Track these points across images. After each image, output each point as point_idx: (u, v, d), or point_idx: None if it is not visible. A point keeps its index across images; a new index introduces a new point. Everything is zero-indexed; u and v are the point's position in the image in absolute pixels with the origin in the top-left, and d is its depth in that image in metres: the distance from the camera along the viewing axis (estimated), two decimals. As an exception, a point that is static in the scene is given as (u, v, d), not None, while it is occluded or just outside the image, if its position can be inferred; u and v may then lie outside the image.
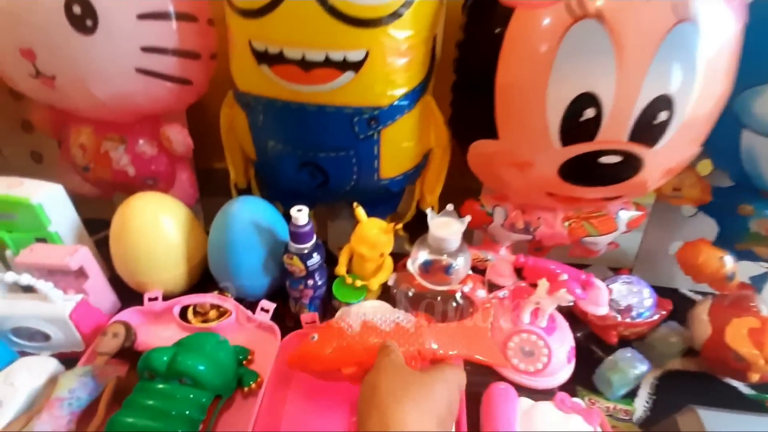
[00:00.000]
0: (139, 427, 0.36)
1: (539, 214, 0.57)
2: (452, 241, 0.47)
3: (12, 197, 0.48)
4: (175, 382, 0.39)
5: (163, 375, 0.39)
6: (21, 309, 0.45)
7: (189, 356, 0.39)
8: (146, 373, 0.39)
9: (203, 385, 0.39)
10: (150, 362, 0.39)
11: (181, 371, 0.39)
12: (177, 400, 0.38)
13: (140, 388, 0.39)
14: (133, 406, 0.37)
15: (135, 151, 0.57)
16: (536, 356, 0.48)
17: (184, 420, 0.37)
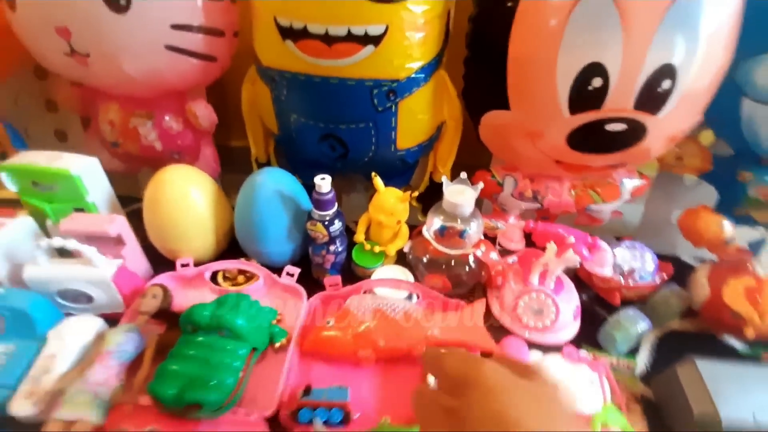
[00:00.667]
0: (187, 374, 0.39)
1: (547, 183, 0.60)
2: (466, 207, 0.51)
3: (53, 169, 0.51)
4: (215, 334, 0.43)
5: (205, 328, 0.42)
6: (67, 272, 0.48)
7: (228, 312, 0.43)
8: (189, 327, 0.43)
9: (241, 337, 0.43)
10: (193, 317, 0.42)
11: (221, 325, 0.42)
12: (219, 351, 0.41)
13: (184, 341, 0.43)
14: (179, 356, 0.41)
15: (162, 127, 0.60)
16: (545, 314, 0.51)
17: (227, 368, 0.40)
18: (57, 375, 0.42)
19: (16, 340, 0.46)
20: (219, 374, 0.39)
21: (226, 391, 0.39)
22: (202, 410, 0.38)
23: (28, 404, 0.40)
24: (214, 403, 0.38)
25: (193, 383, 0.38)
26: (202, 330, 0.43)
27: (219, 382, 0.39)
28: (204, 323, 0.42)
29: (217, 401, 0.38)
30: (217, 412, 0.39)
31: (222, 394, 0.39)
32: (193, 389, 0.38)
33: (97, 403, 0.39)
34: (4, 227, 0.49)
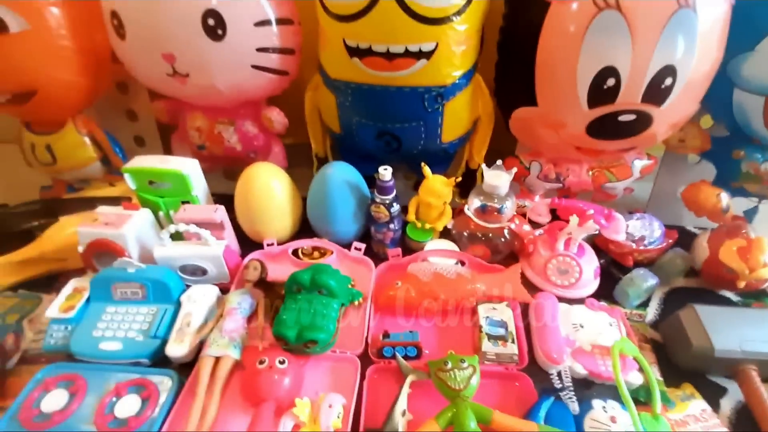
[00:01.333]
0: (300, 321, 0.52)
1: (568, 165, 0.71)
2: (502, 188, 0.62)
3: (169, 170, 0.63)
4: (315, 293, 0.55)
5: (307, 288, 0.55)
6: (188, 251, 0.61)
7: (323, 275, 0.55)
8: (294, 287, 0.56)
9: (334, 294, 0.55)
10: (298, 279, 0.55)
11: (320, 284, 0.55)
12: (320, 305, 0.54)
13: (291, 298, 0.55)
14: (291, 309, 0.53)
15: (242, 131, 0.72)
16: (570, 273, 0.63)
17: (328, 317, 0.53)
18: (195, 327, 0.55)
19: (157, 304, 0.59)
20: (324, 321, 0.52)
21: (330, 333, 0.52)
22: (314, 347, 0.51)
23: (180, 347, 0.53)
24: (323, 341, 0.51)
25: (306, 327, 0.51)
26: (305, 290, 0.55)
27: (325, 326, 0.52)
28: (307, 284, 0.55)
29: (326, 340, 0.51)
30: (323, 348, 0.52)
31: (328, 335, 0.51)
32: (308, 330, 0.51)
33: (234, 344, 0.52)
34: (132, 218, 0.62)
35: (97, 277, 0.59)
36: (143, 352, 0.54)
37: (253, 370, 0.49)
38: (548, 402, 0.48)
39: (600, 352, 0.54)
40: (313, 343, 0.51)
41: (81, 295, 0.60)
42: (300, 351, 0.52)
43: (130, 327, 0.56)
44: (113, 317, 0.58)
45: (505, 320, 0.56)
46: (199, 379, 0.49)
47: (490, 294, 0.58)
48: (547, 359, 0.53)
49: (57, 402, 0.49)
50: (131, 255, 0.61)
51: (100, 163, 0.80)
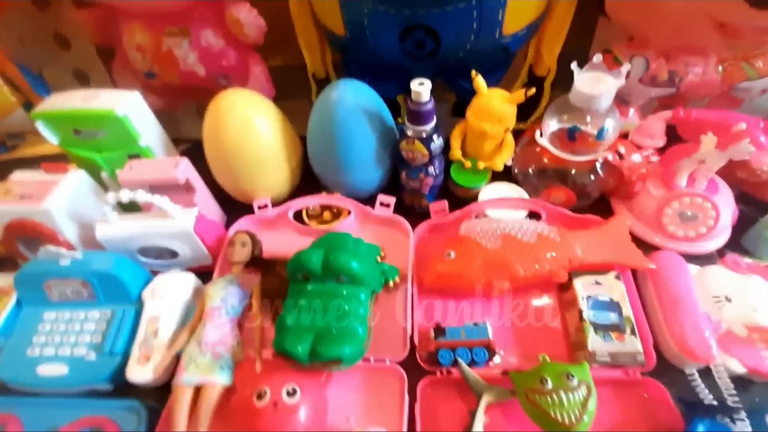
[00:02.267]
0: (313, 327, 0.34)
1: (687, 59, 0.47)
2: (605, 98, 0.40)
3: (96, 111, 0.43)
4: (332, 281, 0.37)
5: (320, 276, 0.37)
6: (143, 228, 0.42)
7: (341, 255, 0.36)
8: (300, 276, 0.37)
9: (359, 281, 0.37)
10: (305, 264, 0.36)
11: (337, 270, 0.36)
12: (340, 298, 0.36)
13: (297, 291, 0.37)
14: (297, 308, 0.36)
15: (201, 45, 0.49)
16: (700, 220, 0.43)
17: (354, 316, 0.35)
18: (166, 337, 0.39)
19: (110, 305, 0.42)
20: (348, 324, 0.34)
21: (360, 341, 0.34)
22: (338, 366, 0.34)
23: (144, 370, 0.37)
24: (351, 357, 0.34)
25: (323, 337, 0.33)
26: (316, 278, 0.37)
27: (350, 332, 0.34)
28: (318, 271, 0.36)
29: (354, 354, 0.34)
30: (352, 363, 0.35)
31: (357, 345, 0.34)
32: (326, 344, 0.33)
33: (220, 364, 0.36)
34: (58, 185, 0.43)
35: (22, 273, 0.41)
36: (97, 376, 0.38)
37: (250, 410, 0.32)
38: (703, 427, 0.32)
39: (761, 336, 0.37)
40: (336, 362, 0.33)
41: (8, 297, 0.43)
42: (316, 369, 0.35)
43: (77, 340, 0.40)
44: (53, 327, 0.41)
45: (616, 300, 0.38)
46: (175, 420, 0.33)
47: (590, 261, 0.39)
48: (685, 354, 0.36)
49: (-18, 459, 0.34)
50: (67, 238, 0.43)
51: (24, 110, 0.59)
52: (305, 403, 0.33)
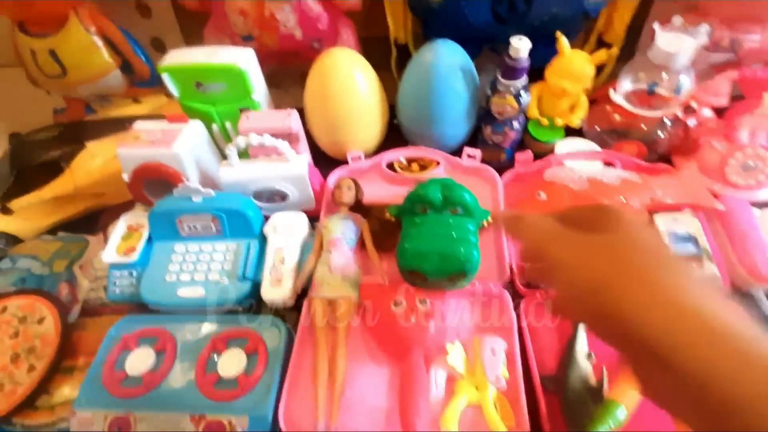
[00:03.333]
0: (435, 250, 0.38)
1: (748, 26, 0.52)
2: (683, 56, 0.45)
3: (220, 65, 0.47)
4: (447, 212, 0.42)
5: (438, 207, 0.42)
6: (264, 171, 0.47)
7: (457, 189, 0.41)
8: (419, 207, 0.42)
9: (472, 212, 0.42)
10: (427, 196, 0.41)
11: (455, 201, 0.41)
12: (456, 227, 0.40)
13: (416, 222, 0.41)
14: (419, 236, 0.40)
15: (301, 9, 0.53)
16: (759, 169, 0.48)
17: (468, 242, 0.39)
18: (291, 265, 0.44)
19: (235, 239, 0.47)
20: (466, 245, 0.39)
21: (477, 260, 0.39)
22: (461, 281, 0.39)
23: (279, 290, 0.42)
24: (472, 270, 0.39)
25: (447, 256, 0.38)
26: (433, 209, 0.42)
27: (469, 252, 0.39)
28: (438, 202, 0.41)
29: (474, 268, 0.39)
30: (469, 280, 0.40)
31: (476, 263, 0.39)
32: (451, 260, 0.38)
33: (350, 283, 0.41)
34: (183, 133, 0.48)
35: (157, 210, 0.46)
36: (233, 297, 0.43)
37: (389, 317, 0.37)
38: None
39: (818, 264, 0.42)
40: (461, 275, 0.38)
41: (139, 233, 0.48)
42: (436, 287, 0.40)
43: (209, 268, 0.45)
44: (185, 258, 0.46)
45: (693, 234, 0.43)
46: (318, 327, 0.39)
47: (668, 202, 0.45)
48: (754, 278, 0.41)
49: (144, 363, 0.39)
50: (190, 179, 0.48)
51: (120, 72, 0.63)
52: (436, 313, 0.38)
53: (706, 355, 0.17)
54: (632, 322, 0.18)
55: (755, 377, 0.16)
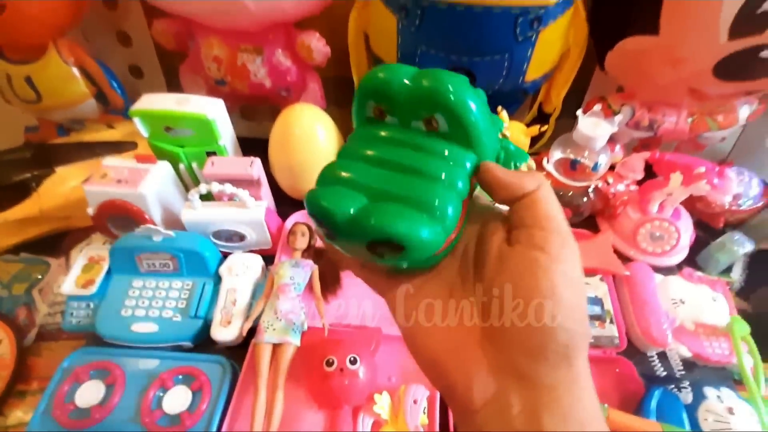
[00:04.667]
0: (375, 187, 0.19)
1: (664, 110, 0.59)
2: (600, 139, 0.51)
3: (192, 114, 0.51)
4: (420, 124, 0.20)
5: (403, 110, 0.20)
6: (223, 214, 0.51)
7: (447, 76, 0.19)
8: (371, 111, 0.21)
9: (469, 134, 0.19)
10: (386, 84, 0.20)
11: (434, 102, 0.19)
12: (429, 155, 0.19)
13: (364, 135, 0.21)
14: (358, 157, 0.20)
15: (272, 62, 0.58)
16: (665, 240, 0.55)
17: (444, 185, 0.19)
18: (242, 305, 0.47)
19: (191, 278, 0.50)
20: (432, 193, 0.18)
21: (446, 225, 0.19)
22: (397, 257, 0.18)
23: (228, 330, 0.46)
24: (425, 245, 0.18)
25: (383, 204, 0.18)
26: (396, 114, 0.20)
27: (430, 205, 0.18)
28: (401, 98, 0.19)
29: (431, 242, 0.18)
30: (423, 258, 0.19)
31: (437, 231, 0.18)
32: (386, 212, 0.18)
33: (294, 329, 0.45)
34: (150, 174, 0.51)
35: (118, 246, 0.49)
36: (184, 334, 0.46)
37: (321, 374, 0.41)
38: (658, 393, 0.43)
39: (704, 331, 0.49)
40: (396, 249, 0.18)
41: (99, 266, 0.51)
42: (360, 255, 0.20)
43: (164, 305, 0.48)
44: (142, 293, 0.49)
45: (600, 297, 0.49)
46: (260, 371, 0.42)
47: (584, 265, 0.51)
48: (648, 340, 0.47)
49: (93, 395, 0.42)
50: (153, 218, 0.51)
51: (95, 101, 0.66)
52: (364, 369, 0.42)
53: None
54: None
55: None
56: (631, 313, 0.49)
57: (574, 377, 0.18)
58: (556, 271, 0.18)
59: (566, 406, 0.17)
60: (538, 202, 0.19)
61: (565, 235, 0.19)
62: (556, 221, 0.19)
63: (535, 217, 0.19)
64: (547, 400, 0.17)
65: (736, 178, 0.60)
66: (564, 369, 0.18)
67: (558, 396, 0.17)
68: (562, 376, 0.18)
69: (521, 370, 0.18)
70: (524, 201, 0.20)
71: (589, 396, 0.18)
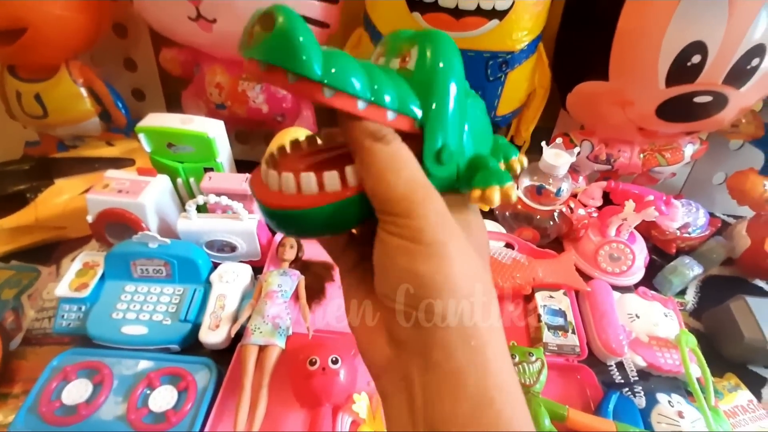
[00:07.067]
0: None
1: (620, 147, 0.67)
2: (563, 168, 0.57)
3: (194, 132, 0.55)
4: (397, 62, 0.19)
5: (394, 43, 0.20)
6: (216, 225, 0.54)
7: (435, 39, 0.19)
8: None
9: (426, 75, 0.18)
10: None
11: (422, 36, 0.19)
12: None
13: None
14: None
15: (270, 91, 0.64)
16: (622, 261, 0.60)
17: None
18: (230, 311, 0.50)
19: (183, 284, 0.52)
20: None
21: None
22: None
23: (216, 333, 0.48)
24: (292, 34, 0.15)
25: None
26: (385, 54, 0.20)
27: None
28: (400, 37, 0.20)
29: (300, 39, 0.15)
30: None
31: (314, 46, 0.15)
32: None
33: (279, 332, 0.48)
34: (150, 186, 0.54)
35: (114, 252, 0.52)
36: (173, 337, 0.48)
37: (304, 373, 0.44)
38: (615, 397, 0.47)
39: (657, 343, 0.53)
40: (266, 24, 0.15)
41: (94, 271, 0.53)
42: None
43: (155, 309, 0.50)
44: (134, 297, 0.51)
45: (563, 309, 0.54)
46: (245, 371, 0.45)
47: (547, 281, 0.55)
48: (607, 350, 0.51)
49: (80, 393, 0.43)
50: (149, 227, 0.54)
51: (99, 119, 0.70)
52: (345, 369, 0.45)
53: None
54: None
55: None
56: (592, 326, 0.54)
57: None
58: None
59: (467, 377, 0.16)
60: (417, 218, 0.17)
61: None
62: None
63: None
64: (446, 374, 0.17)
65: (683, 208, 0.67)
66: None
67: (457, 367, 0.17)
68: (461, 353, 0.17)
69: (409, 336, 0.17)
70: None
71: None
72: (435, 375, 0.17)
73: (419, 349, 0.17)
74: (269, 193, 0.18)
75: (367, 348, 0.20)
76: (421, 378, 0.17)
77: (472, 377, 0.16)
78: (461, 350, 0.17)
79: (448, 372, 0.17)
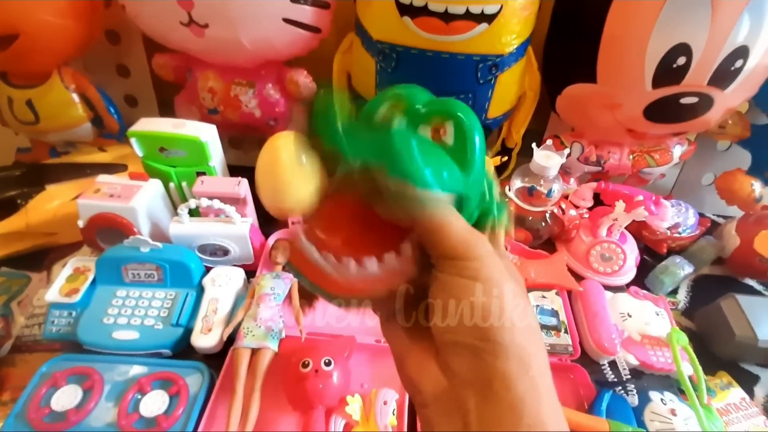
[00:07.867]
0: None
1: (609, 148, 0.68)
2: (553, 170, 0.58)
3: (187, 136, 0.55)
4: (428, 129, 0.23)
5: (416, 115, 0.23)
6: (209, 229, 0.54)
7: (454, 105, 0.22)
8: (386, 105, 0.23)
9: (467, 150, 0.21)
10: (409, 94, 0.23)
11: (446, 112, 0.22)
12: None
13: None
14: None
15: (263, 95, 0.64)
16: (614, 260, 0.61)
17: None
18: (223, 314, 0.50)
19: (175, 288, 0.52)
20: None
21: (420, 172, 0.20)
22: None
23: (208, 337, 0.48)
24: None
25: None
26: (408, 116, 0.23)
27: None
28: (422, 101, 0.23)
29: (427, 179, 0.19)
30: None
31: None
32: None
33: (272, 335, 0.47)
34: (142, 190, 0.54)
35: (105, 256, 0.51)
36: (164, 342, 0.48)
37: (297, 375, 0.44)
38: (608, 395, 0.47)
39: (650, 342, 0.53)
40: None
41: (85, 276, 0.53)
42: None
43: (147, 314, 0.50)
44: (125, 302, 0.51)
45: (556, 309, 0.54)
46: (237, 374, 0.44)
47: (539, 282, 0.56)
48: (600, 350, 0.51)
49: (70, 399, 0.43)
50: (141, 232, 0.54)
51: (91, 125, 0.70)
52: (337, 372, 0.45)
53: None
54: None
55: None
56: (584, 325, 0.54)
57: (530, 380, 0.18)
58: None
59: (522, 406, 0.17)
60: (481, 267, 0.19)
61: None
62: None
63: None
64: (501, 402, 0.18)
65: (672, 208, 0.68)
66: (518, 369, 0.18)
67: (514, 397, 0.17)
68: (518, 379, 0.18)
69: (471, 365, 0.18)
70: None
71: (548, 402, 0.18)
72: (494, 405, 0.18)
73: (479, 380, 0.18)
74: (328, 279, 0.20)
75: (420, 379, 0.20)
76: (479, 408, 0.18)
77: (528, 406, 0.17)
78: (521, 381, 0.18)
79: (508, 402, 0.18)
